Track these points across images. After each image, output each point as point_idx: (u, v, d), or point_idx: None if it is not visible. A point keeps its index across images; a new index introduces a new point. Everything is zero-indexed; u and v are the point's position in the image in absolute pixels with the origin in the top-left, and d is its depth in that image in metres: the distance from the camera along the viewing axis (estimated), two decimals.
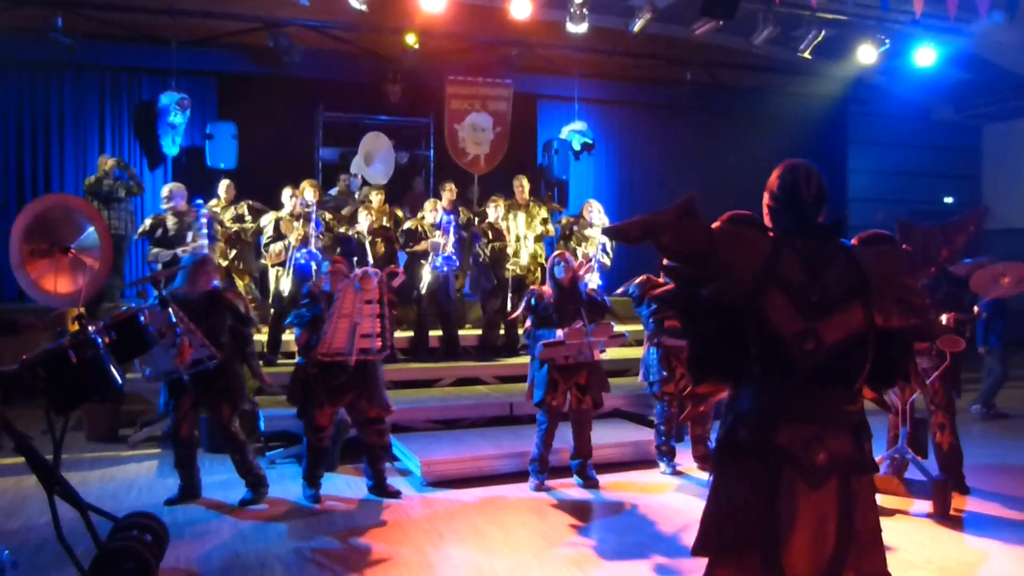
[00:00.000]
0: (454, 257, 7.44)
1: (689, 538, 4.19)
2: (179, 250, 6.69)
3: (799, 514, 1.96)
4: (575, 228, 8.16)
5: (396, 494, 4.98)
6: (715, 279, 2.04)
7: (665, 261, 2.09)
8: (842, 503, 1.98)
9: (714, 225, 2.09)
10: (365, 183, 9.20)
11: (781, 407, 2.02)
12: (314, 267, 6.87)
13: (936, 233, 2.25)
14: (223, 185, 7.71)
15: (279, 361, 6.89)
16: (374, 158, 9.33)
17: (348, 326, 4.71)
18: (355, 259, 7.35)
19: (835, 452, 1.99)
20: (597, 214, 8.06)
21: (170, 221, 6.89)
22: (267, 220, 7.14)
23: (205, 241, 6.64)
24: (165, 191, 7.13)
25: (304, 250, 6.79)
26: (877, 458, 4.94)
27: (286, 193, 7.19)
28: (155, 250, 6.87)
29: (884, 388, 2.29)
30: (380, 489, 5.01)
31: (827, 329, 2.00)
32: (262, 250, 7.21)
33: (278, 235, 6.97)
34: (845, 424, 2.04)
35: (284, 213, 7.08)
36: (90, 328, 3.42)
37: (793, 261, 2.04)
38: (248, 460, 4.89)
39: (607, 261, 8.01)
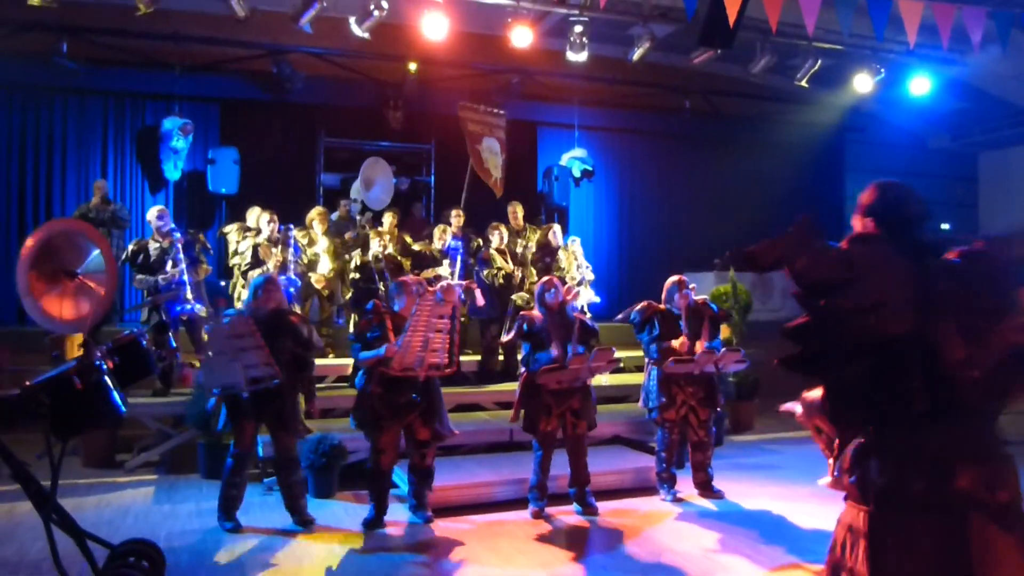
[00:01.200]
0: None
1: (690, 565, 4.16)
2: (159, 278, 6.55)
3: (1000, 564, 1.73)
4: (549, 260, 8.07)
5: (430, 519, 4.94)
6: (861, 308, 1.79)
7: (796, 290, 1.87)
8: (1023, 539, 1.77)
9: (842, 247, 1.88)
10: (365, 208, 9.23)
11: (956, 446, 1.79)
12: (293, 292, 6.87)
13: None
14: (254, 214, 7.58)
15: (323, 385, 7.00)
16: (373, 183, 9.37)
17: (421, 341, 4.66)
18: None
19: (1014, 486, 1.80)
20: (560, 237, 8.14)
21: (152, 247, 6.71)
22: (245, 246, 7.12)
23: (182, 267, 6.54)
24: (155, 213, 6.89)
25: (283, 277, 6.78)
26: None
27: (263, 219, 7.15)
28: (139, 276, 6.72)
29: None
30: (425, 518, 4.92)
31: (986, 353, 1.79)
32: (240, 276, 7.18)
33: (256, 261, 6.95)
34: (1009, 455, 1.85)
35: (262, 239, 7.06)
36: (96, 353, 3.41)
37: (943, 282, 1.83)
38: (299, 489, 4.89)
39: (591, 275, 8.04)
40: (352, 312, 7.62)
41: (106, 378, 3.40)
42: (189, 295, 6.46)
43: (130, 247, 6.94)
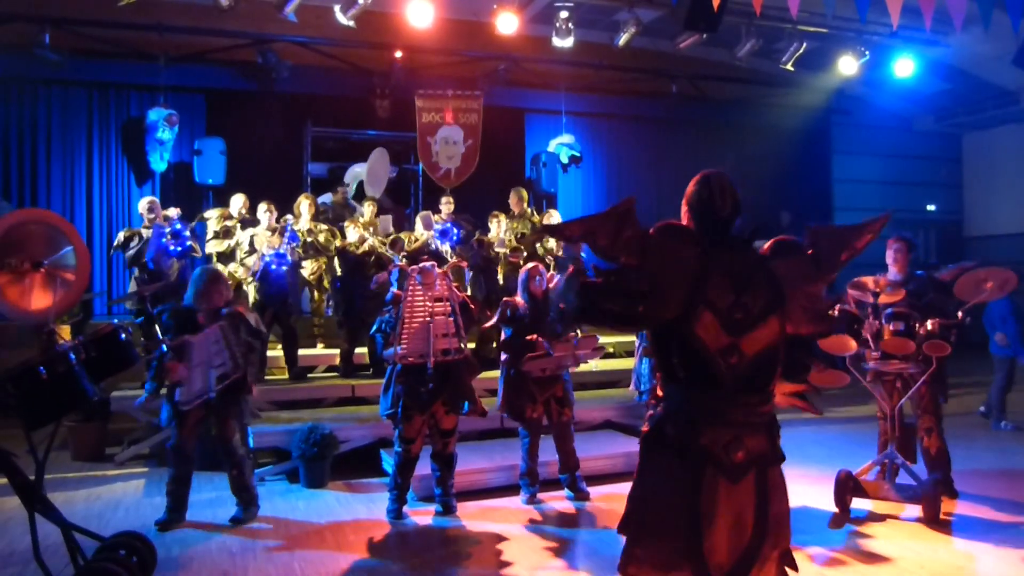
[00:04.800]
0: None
1: None
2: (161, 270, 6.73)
3: (720, 506, 2.12)
4: (538, 244, 8.10)
5: (453, 508, 4.93)
6: (639, 291, 2.08)
7: (590, 263, 2.17)
8: (759, 494, 2.17)
9: (650, 231, 2.13)
10: (362, 196, 9.21)
11: (704, 412, 2.15)
12: (284, 269, 6.91)
13: (841, 236, 2.34)
14: (238, 200, 7.59)
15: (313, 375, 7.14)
16: (379, 176, 9.43)
17: (421, 326, 4.63)
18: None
19: (752, 450, 2.16)
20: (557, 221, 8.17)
21: (145, 234, 6.82)
22: (244, 236, 7.17)
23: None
24: (146, 204, 7.01)
25: (272, 253, 6.82)
26: (867, 463, 4.96)
27: (260, 208, 7.17)
28: (138, 275, 6.88)
29: (792, 385, 2.41)
30: (447, 506, 4.94)
31: (748, 343, 2.12)
32: (239, 264, 7.21)
33: (253, 250, 7.01)
34: (760, 424, 2.20)
35: (259, 229, 7.09)
36: (60, 343, 3.39)
37: (720, 280, 2.11)
38: (244, 477, 4.80)
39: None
40: (337, 300, 7.59)
41: (75, 368, 3.36)
42: None
43: (121, 235, 7.03)
